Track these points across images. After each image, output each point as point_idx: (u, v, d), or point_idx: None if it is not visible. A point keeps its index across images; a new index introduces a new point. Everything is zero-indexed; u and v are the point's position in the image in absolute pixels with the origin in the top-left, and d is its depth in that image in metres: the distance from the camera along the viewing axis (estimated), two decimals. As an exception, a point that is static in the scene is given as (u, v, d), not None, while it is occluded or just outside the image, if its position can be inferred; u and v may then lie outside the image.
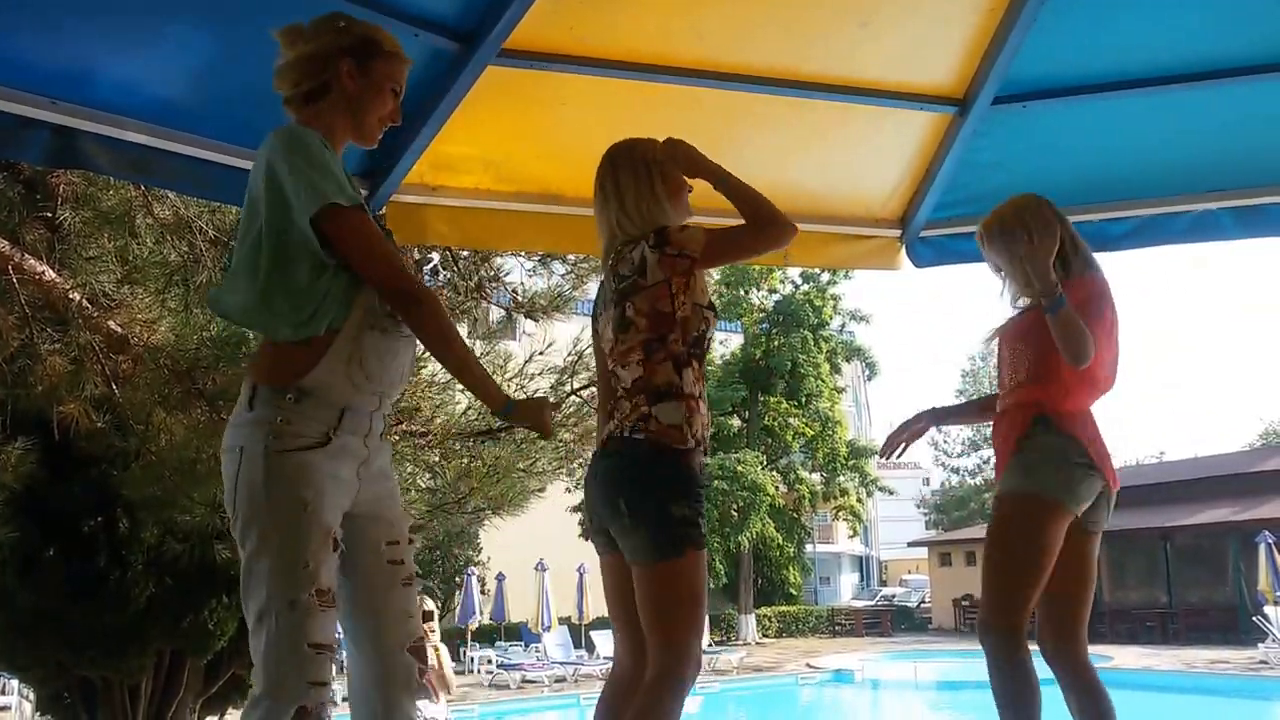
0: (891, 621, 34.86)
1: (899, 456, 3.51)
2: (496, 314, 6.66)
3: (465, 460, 6.11)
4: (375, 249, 2.17)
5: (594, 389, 6.44)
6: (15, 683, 13.20)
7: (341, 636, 2.29)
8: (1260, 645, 20.50)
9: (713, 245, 2.63)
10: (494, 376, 6.38)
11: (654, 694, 2.48)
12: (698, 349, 2.64)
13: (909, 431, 3.36)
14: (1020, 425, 3.02)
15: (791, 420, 32.01)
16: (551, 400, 2.51)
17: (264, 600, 2.05)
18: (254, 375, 2.16)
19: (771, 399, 32.04)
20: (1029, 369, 3.06)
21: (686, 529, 2.50)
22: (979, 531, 25.55)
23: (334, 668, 2.22)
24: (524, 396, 2.42)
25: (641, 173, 2.72)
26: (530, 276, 6.54)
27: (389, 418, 2.37)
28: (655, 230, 2.63)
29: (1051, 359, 2.95)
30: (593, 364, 6.48)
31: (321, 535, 2.09)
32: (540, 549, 21.57)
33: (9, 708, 14.29)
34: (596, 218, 2.77)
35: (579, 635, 22.60)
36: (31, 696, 10.73)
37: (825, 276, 32.07)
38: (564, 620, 23.53)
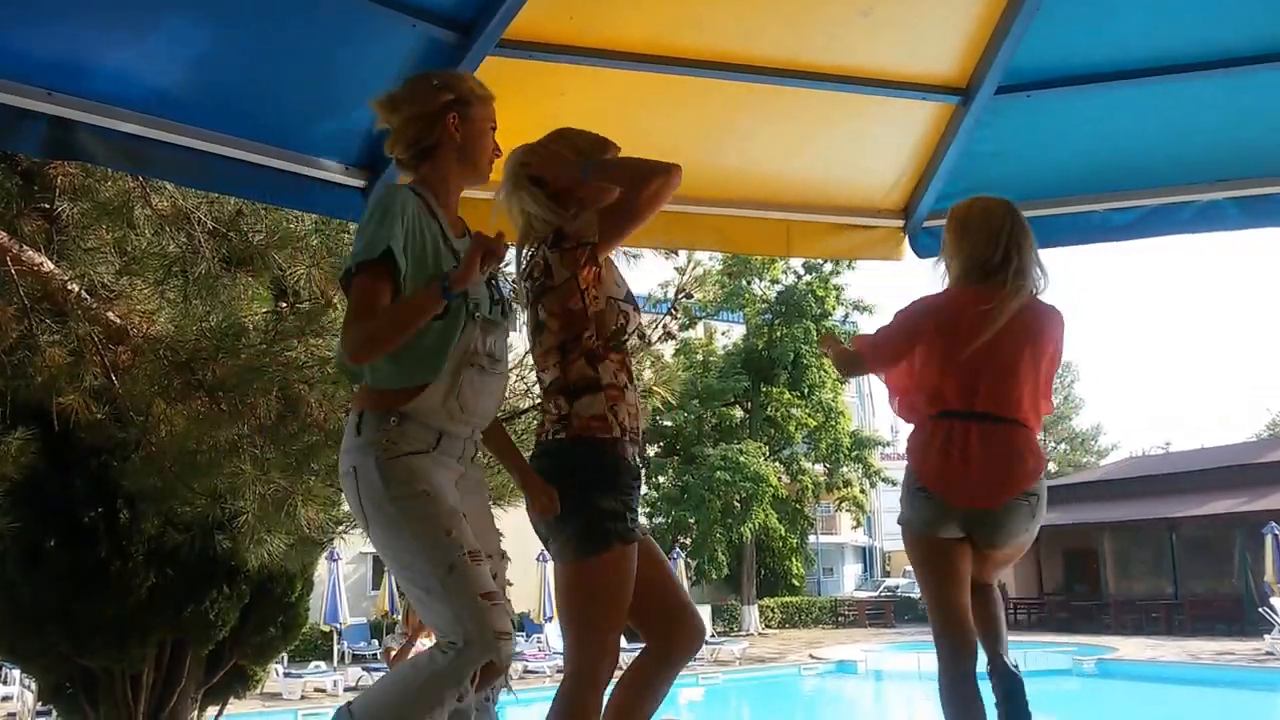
0: (894, 612, 34.89)
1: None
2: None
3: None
4: (356, 311, 2.35)
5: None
6: (17, 673, 13.24)
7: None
8: (1266, 636, 20.53)
9: (606, 221, 2.60)
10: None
11: (569, 694, 2.49)
12: (616, 342, 2.62)
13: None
14: None
15: (794, 411, 32.01)
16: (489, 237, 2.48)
17: (425, 577, 2.27)
18: (360, 403, 2.41)
19: (774, 390, 32.03)
20: None
21: (613, 523, 2.48)
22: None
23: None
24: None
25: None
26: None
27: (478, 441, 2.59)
28: (553, 231, 2.63)
29: None
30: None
31: (450, 509, 2.31)
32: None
33: (11, 697, 14.35)
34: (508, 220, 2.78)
35: (581, 626, 22.62)
36: (34, 686, 10.77)
37: (828, 267, 32.04)
38: (566, 611, 23.55)
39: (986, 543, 3.06)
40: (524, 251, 2.76)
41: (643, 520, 2.84)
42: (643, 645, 2.68)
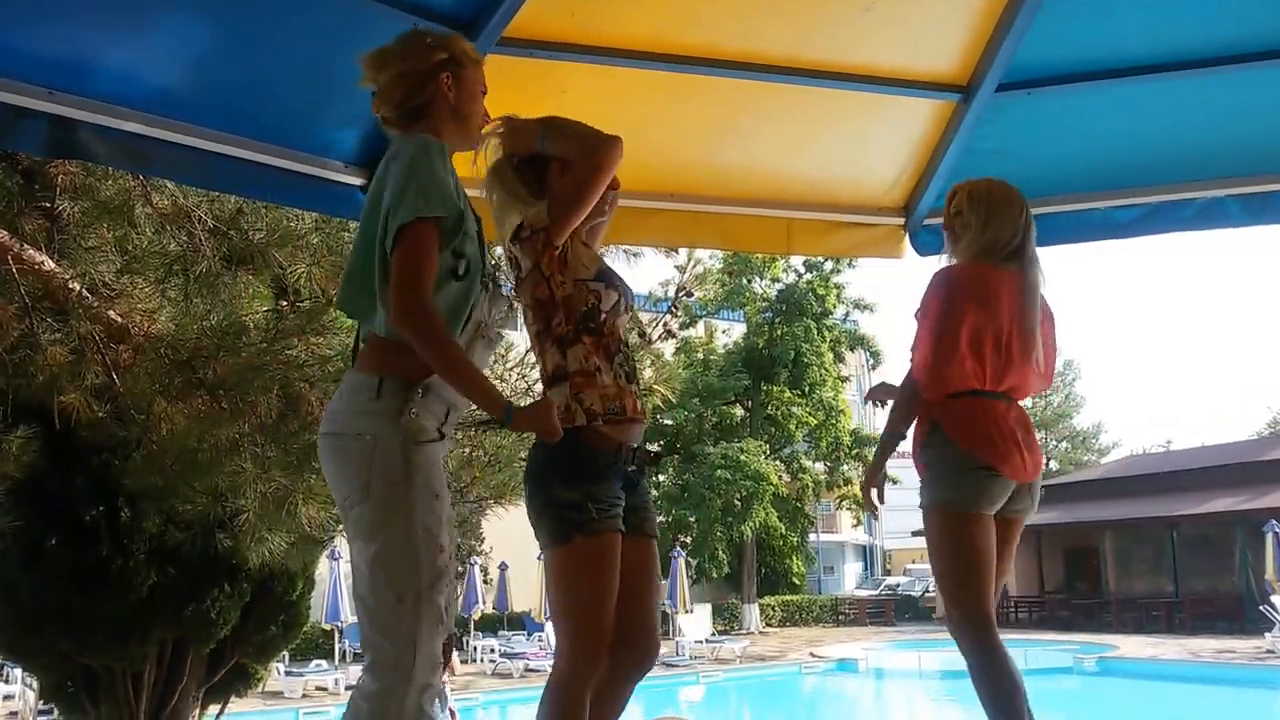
0: (895, 611, 34.91)
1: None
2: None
3: (466, 450, 6.11)
4: (418, 271, 2.23)
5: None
6: (19, 671, 13.25)
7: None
8: (1267, 635, 20.52)
9: (555, 204, 2.61)
10: (495, 364, 6.39)
11: (552, 684, 2.52)
12: (589, 325, 2.60)
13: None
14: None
15: (795, 409, 31.99)
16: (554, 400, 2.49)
17: (402, 583, 2.14)
18: (377, 366, 2.26)
19: (775, 388, 32.01)
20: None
21: (572, 513, 2.47)
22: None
23: None
24: (528, 401, 2.44)
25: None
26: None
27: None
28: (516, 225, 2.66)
29: None
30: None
31: (449, 520, 2.25)
32: (543, 538, 21.56)
33: (13, 696, 14.35)
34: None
35: (582, 624, 22.60)
36: (35, 685, 10.77)
37: (829, 265, 32.03)
38: (567, 609, 23.53)
39: (1025, 510, 3.17)
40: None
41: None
42: None
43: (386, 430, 2.19)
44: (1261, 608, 21.32)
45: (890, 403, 3.32)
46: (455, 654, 6.30)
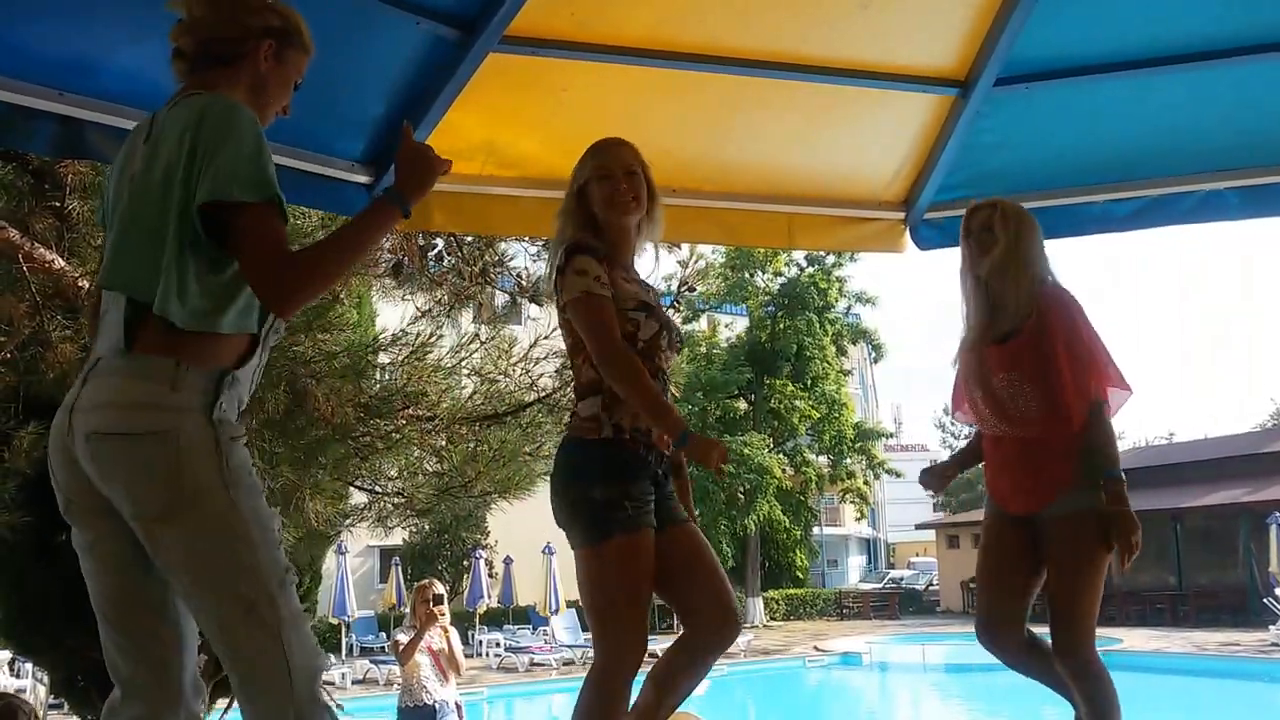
0: (899, 604, 34.90)
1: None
2: (501, 299, 6.67)
3: (471, 444, 6.14)
4: (277, 247, 1.96)
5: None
6: (30, 666, 13.31)
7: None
8: (1271, 628, 20.46)
9: (579, 323, 2.68)
10: (499, 361, 6.42)
11: (592, 679, 2.57)
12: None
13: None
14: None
15: (798, 403, 31.98)
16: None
17: (254, 587, 1.88)
18: (167, 349, 1.95)
19: (777, 382, 32.02)
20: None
21: (611, 512, 2.54)
22: (986, 513, 25.45)
23: None
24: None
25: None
26: (534, 261, 6.56)
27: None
28: (567, 246, 2.74)
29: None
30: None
31: (271, 512, 2.00)
32: (548, 532, 21.43)
33: (24, 690, 14.41)
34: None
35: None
36: (45, 680, 10.82)
37: (831, 259, 32.00)
38: (572, 603, 23.51)
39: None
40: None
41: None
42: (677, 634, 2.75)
43: (191, 425, 1.88)
44: (1266, 600, 21.30)
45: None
46: (460, 648, 6.32)
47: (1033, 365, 3.10)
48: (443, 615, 6.12)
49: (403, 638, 6.19)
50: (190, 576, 1.90)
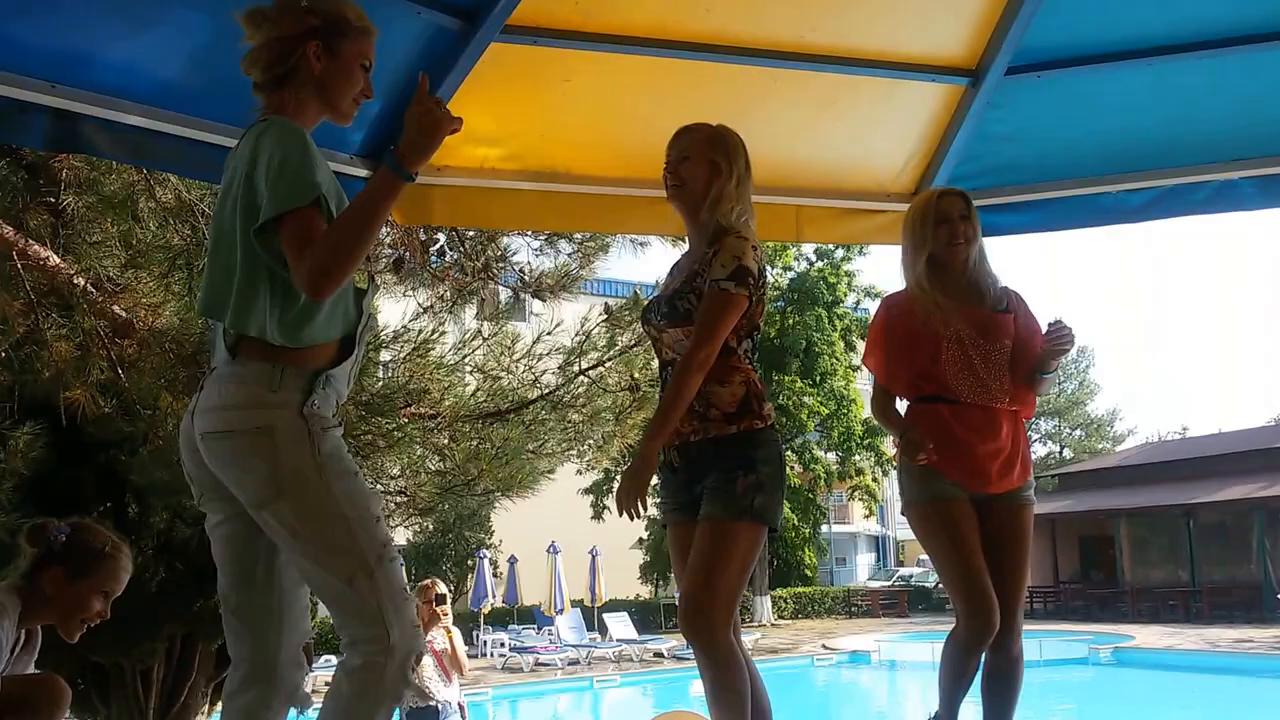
0: (908, 602, 34.82)
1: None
2: (504, 294, 6.65)
3: (474, 442, 6.10)
4: (305, 242, 2.08)
5: (602, 369, 6.43)
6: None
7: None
8: (1284, 623, 20.41)
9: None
10: (502, 358, 6.38)
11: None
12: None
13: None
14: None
15: (806, 399, 31.93)
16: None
17: (350, 563, 2.09)
18: (270, 356, 2.16)
19: (786, 378, 31.96)
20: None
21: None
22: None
23: None
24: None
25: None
26: (537, 256, 6.52)
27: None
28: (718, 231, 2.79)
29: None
30: (600, 344, 6.50)
31: (373, 493, 2.21)
32: (552, 531, 21.60)
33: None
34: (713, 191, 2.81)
35: (592, 618, 22.63)
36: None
37: (840, 253, 31.95)
38: (577, 603, 23.56)
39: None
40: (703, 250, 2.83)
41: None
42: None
43: (286, 420, 2.09)
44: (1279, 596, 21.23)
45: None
46: (464, 648, 6.30)
47: (1016, 341, 3.22)
48: (445, 615, 6.11)
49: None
50: (296, 555, 2.14)
